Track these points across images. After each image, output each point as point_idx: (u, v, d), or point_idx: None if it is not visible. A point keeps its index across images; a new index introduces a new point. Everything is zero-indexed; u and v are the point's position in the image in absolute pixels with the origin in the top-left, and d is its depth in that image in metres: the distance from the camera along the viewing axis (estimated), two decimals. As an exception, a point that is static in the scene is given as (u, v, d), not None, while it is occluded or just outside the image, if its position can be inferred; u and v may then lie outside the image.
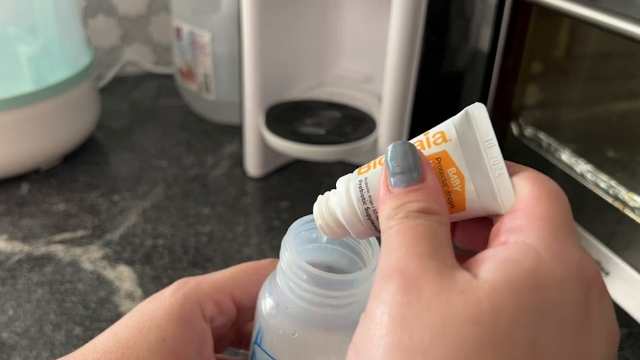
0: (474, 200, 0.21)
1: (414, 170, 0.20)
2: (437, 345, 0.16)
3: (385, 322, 0.17)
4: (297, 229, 0.25)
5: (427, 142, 0.21)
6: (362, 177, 0.22)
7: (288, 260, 0.24)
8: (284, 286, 0.25)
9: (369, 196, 0.22)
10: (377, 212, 0.21)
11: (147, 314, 0.26)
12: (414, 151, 0.20)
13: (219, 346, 0.29)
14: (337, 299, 0.23)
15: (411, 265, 0.18)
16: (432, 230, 0.19)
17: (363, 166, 0.23)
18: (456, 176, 0.21)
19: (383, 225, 0.20)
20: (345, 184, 0.23)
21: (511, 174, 0.21)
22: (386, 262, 0.19)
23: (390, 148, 0.21)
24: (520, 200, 0.20)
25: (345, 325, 0.24)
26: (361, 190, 0.22)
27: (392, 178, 0.20)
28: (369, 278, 0.24)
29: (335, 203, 0.23)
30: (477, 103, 0.21)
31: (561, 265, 0.18)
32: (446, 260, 0.18)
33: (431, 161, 0.21)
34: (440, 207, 0.20)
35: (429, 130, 0.22)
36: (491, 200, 0.21)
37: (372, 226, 0.22)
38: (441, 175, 0.21)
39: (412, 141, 0.22)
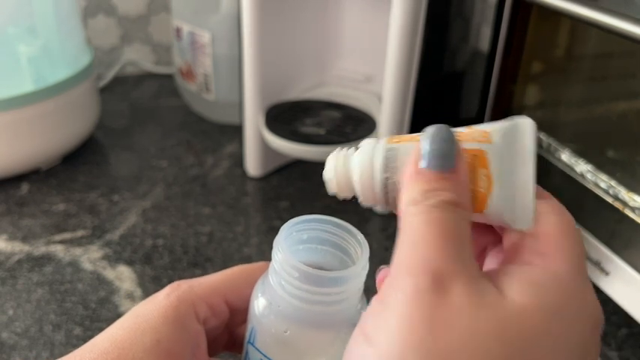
0: (494, 206, 0.21)
1: (449, 157, 0.19)
2: (460, 354, 0.16)
3: (412, 319, 0.17)
4: (288, 229, 0.26)
5: (467, 136, 0.21)
6: (391, 146, 0.22)
7: (281, 260, 0.24)
8: (276, 285, 0.25)
9: (394, 167, 0.21)
10: (396, 185, 0.21)
11: (142, 316, 0.26)
12: (452, 139, 0.20)
13: (212, 349, 0.29)
14: (328, 296, 0.24)
15: (443, 266, 0.18)
16: (461, 228, 0.19)
17: (393, 136, 0.22)
18: (485, 178, 0.20)
19: (407, 206, 0.19)
20: (372, 147, 0.22)
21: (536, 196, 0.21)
22: (414, 254, 0.18)
23: (429, 128, 0.20)
24: (546, 226, 0.20)
25: (336, 322, 0.25)
26: (387, 159, 0.22)
27: (424, 160, 0.20)
28: (359, 275, 0.25)
29: (356, 161, 0.23)
30: (528, 119, 0.21)
31: (582, 300, 0.19)
32: (473, 265, 0.18)
33: (466, 155, 0.20)
34: (467, 202, 0.19)
35: (473, 126, 0.22)
36: (510, 212, 0.20)
37: (385, 197, 0.22)
38: (470, 172, 0.21)
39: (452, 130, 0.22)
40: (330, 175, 0.23)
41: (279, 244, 0.25)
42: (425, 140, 0.20)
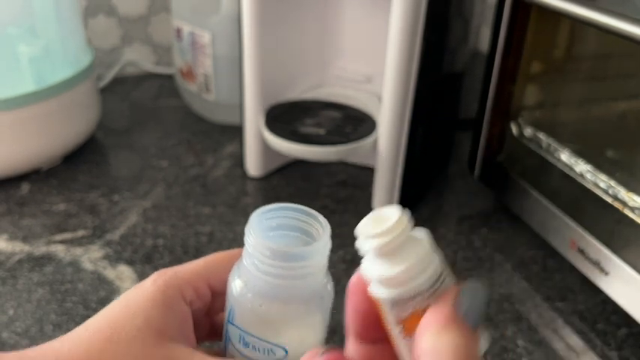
0: None
1: (481, 319, 0.21)
2: None
3: None
4: (258, 217, 0.29)
5: None
6: (443, 270, 0.22)
7: (253, 242, 0.28)
8: (250, 265, 0.28)
9: (437, 288, 0.21)
10: (424, 303, 0.21)
11: (132, 301, 0.28)
12: (486, 305, 0.21)
13: (196, 333, 0.30)
14: (295, 270, 0.28)
15: None
16: None
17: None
18: None
19: (450, 347, 0.20)
20: (432, 247, 0.22)
21: None
22: None
23: (474, 283, 0.21)
24: None
25: (304, 295, 0.29)
26: (437, 273, 0.21)
27: (465, 311, 0.20)
28: (322, 251, 0.28)
29: (420, 244, 0.22)
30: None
31: None
32: None
33: None
34: None
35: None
36: None
37: (408, 293, 0.21)
38: None
39: None
40: (392, 231, 0.22)
41: (251, 229, 0.28)
42: (469, 292, 0.21)
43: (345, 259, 0.54)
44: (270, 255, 0.27)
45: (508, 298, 0.51)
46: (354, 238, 0.27)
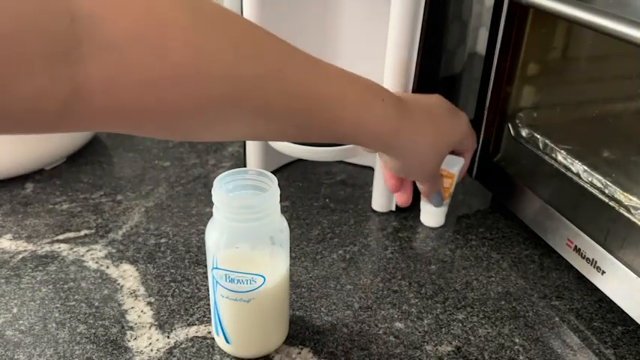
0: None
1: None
2: None
3: None
4: (219, 182, 0.38)
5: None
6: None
7: (220, 200, 0.37)
8: (221, 218, 0.38)
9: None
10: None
11: None
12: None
13: None
14: (256, 214, 0.37)
15: None
16: None
17: None
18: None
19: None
20: None
21: None
22: None
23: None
24: None
25: (266, 232, 0.39)
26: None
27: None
28: (273, 198, 0.38)
29: None
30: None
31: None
32: None
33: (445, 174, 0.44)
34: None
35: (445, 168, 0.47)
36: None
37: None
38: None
39: None
40: None
41: (216, 191, 0.38)
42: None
43: (344, 259, 0.54)
44: (236, 206, 0.37)
45: (505, 296, 0.51)
46: (353, 238, 0.27)
